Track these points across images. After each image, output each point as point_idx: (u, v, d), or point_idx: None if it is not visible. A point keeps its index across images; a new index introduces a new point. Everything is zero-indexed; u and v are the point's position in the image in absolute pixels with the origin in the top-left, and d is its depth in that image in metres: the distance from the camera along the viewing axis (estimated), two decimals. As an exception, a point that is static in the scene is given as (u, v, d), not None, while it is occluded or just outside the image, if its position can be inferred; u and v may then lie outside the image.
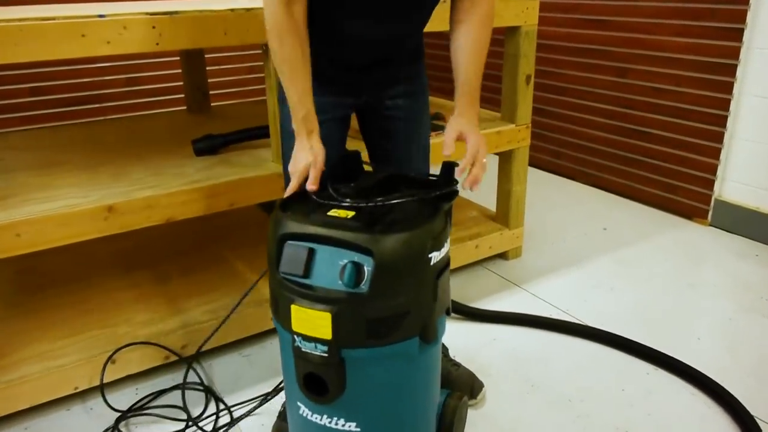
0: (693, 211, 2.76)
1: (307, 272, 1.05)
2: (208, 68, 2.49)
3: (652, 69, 2.78)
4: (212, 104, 2.58)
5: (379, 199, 1.12)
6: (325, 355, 1.04)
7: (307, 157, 1.24)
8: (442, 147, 1.27)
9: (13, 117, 2.95)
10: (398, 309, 1.04)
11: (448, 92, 1.34)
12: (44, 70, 2.98)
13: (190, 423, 1.57)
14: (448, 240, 1.15)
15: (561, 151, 3.34)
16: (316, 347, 1.04)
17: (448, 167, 1.24)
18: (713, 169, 2.64)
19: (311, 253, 1.06)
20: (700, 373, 1.71)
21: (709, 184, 2.67)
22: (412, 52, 1.46)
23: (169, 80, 3.34)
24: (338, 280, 1.03)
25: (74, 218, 1.50)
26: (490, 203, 2.53)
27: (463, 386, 1.61)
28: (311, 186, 1.21)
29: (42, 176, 1.71)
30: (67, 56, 1.38)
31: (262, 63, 2.28)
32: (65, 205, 1.51)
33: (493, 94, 3.60)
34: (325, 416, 1.12)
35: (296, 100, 1.24)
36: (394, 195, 1.15)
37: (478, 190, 1.27)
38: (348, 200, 1.13)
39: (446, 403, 1.36)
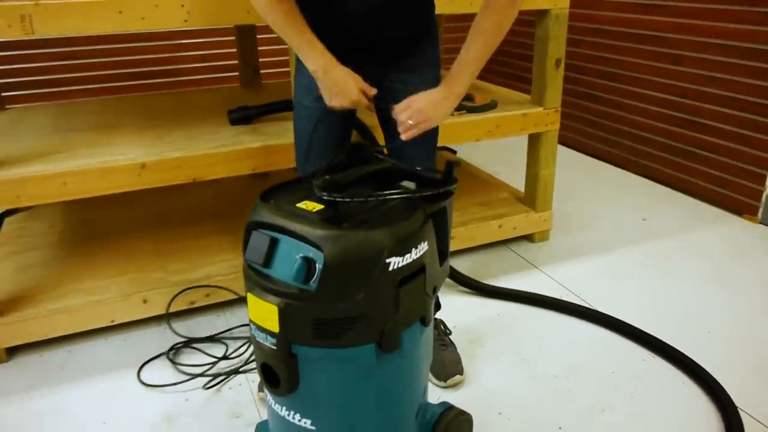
0: (743, 206, 2.64)
1: (267, 262, 1.02)
2: (265, 47, 2.67)
3: (706, 56, 2.67)
4: (265, 81, 2.77)
5: (357, 194, 1.06)
6: (274, 348, 1.02)
7: (350, 79, 1.37)
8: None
9: (97, 87, 3.30)
10: (348, 312, 0.98)
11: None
12: (125, 45, 3.30)
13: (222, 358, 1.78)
14: (425, 246, 1.05)
15: (613, 139, 3.27)
16: (266, 338, 1.02)
17: (449, 166, 1.16)
18: (766, 164, 2.51)
19: (273, 243, 1.02)
20: (695, 362, 1.69)
21: (761, 179, 2.54)
22: (418, 30, 1.49)
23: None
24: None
25: (112, 172, 1.72)
26: (522, 185, 2.55)
27: (438, 368, 1.65)
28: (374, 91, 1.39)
29: (94, 136, 1.95)
30: (106, 31, 1.59)
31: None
32: (106, 160, 1.73)
33: (525, 73, 3.56)
34: (283, 408, 1.10)
35: (308, 42, 1.35)
36: (371, 191, 1.08)
37: (406, 137, 1.37)
38: (326, 193, 1.04)
39: (440, 419, 1.24)
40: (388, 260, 0.98)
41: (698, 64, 2.72)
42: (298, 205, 1.06)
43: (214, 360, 1.77)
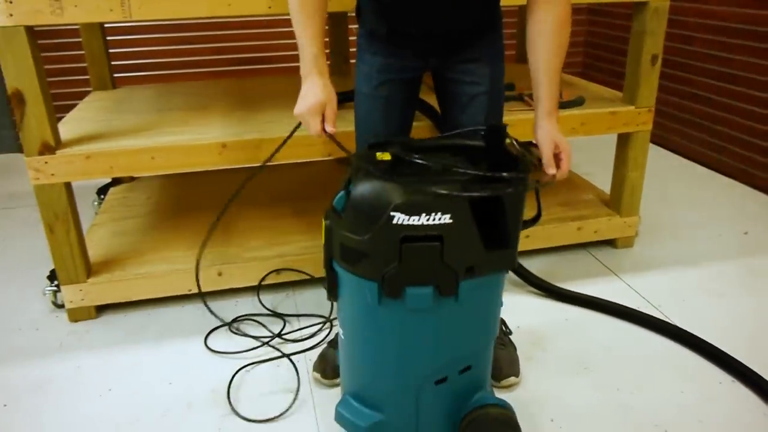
0: None
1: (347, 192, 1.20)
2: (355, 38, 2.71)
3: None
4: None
5: (416, 157, 1.17)
6: (323, 258, 1.23)
7: (319, 94, 1.28)
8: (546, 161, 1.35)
9: (202, 71, 3.51)
10: (358, 245, 1.13)
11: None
12: (225, 32, 3.48)
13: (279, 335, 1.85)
14: (445, 218, 1.09)
15: (725, 146, 3.01)
16: (322, 250, 1.24)
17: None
18: None
19: (349, 179, 1.19)
20: (779, 392, 1.54)
21: None
22: (483, 22, 1.46)
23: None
24: None
25: (195, 150, 1.82)
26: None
27: (493, 367, 1.60)
28: (330, 128, 1.30)
29: (185, 116, 2.08)
30: (195, 15, 1.69)
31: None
32: (190, 138, 1.84)
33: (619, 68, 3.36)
34: (338, 312, 1.32)
35: (305, 41, 1.30)
36: (435, 159, 1.19)
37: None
38: (397, 149, 1.19)
39: (480, 408, 1.26)
40: (392, 214, 1.09)
41: (825, 66, 2.45)
42: (378, 154, 1.22)
43: (273, 335, 1.84)
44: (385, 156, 1.20)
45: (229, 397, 1.59)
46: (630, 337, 1.83)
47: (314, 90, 1.29)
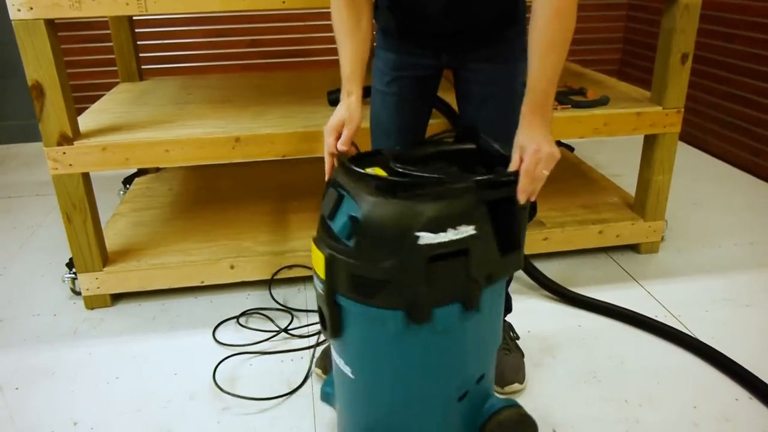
0: None
1: (332, 216, 1.10)
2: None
3: None
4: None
5: (413, 169, 1.09)
6: (322, 293, 1.11)
7: (342, 114, 1.29)
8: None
9: (235, 64, 3.54)
10: (378, 275, 1.03)
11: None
12: (262, 25, 3.49)
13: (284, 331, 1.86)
14: (469, 229, 1.04)
15: (763, 149, 2.88)
16: (318, 284, 1.12)
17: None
18: None
19: (340, 200, 1.10)
20: (798, 413, 1.46)
21: None
22: (498, 20, 1.40)
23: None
24: None
25: (209, 144, 1.83)
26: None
27: (497, 373, 1.57)
28: (342, 147, 1.26)
29: (204, 109, 2.09)
30: (210, 9, 1.69)
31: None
32: (205, 132, 1.85)
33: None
34: (335, 350, 1.20)
35: (341, 62, 1.34)
36: (447, 169, 1.13)
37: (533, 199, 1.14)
38: (394, 163, 1.10)
39: (497, 412, 1.23)
40: (417, 234, 1.00)
41: None
42: (368, 169, 1.11)
43: (279, 330, 1.84)
44: (378, 171, 1.11)
45: (230, 390, 1.61)
46: (645, 347, 1.76)
47: (339, 109, 1.31)
